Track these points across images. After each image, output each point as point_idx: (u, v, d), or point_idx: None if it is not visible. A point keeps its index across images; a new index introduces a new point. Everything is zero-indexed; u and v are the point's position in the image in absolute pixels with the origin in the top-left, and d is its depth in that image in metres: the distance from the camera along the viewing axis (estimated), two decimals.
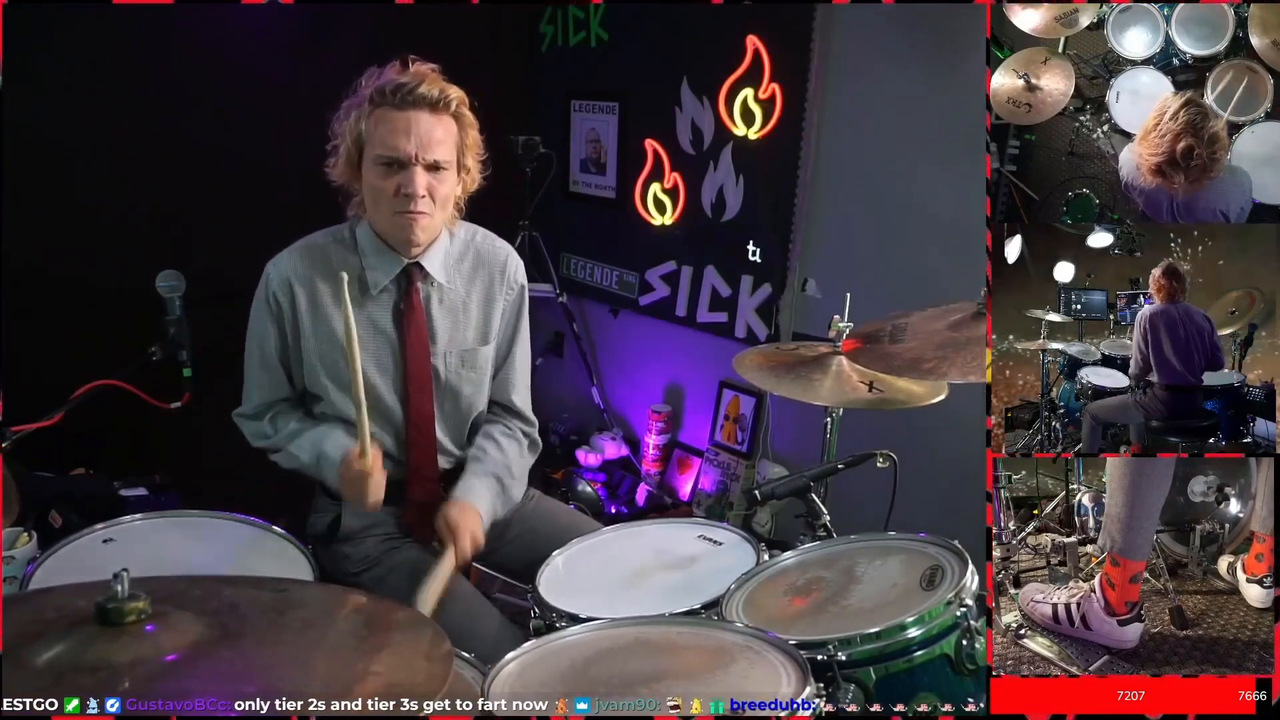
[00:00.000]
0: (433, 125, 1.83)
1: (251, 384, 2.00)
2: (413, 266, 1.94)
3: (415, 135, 1.81)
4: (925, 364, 1.86)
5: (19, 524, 2.10)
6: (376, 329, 1.95)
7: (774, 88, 3.19)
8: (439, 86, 1.84)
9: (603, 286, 4.00)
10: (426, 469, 2.02)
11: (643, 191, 3.71)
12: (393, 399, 1.97)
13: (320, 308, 1.91)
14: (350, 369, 1.71)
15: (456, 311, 2.01)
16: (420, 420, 1.99)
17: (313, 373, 1.96)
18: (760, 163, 3.29)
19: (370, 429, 1.83)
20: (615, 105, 3.78)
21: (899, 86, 2.89)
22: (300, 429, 1.97)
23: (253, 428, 2.02)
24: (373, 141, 1.83)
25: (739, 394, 3.53)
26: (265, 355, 1.96)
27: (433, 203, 1.86)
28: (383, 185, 1.84)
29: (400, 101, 1.81)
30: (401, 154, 1.81)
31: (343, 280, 1.68)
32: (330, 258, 1.93)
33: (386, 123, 1.82)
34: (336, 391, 1.95)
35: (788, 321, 3.30)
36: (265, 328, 1.95)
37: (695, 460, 3.69)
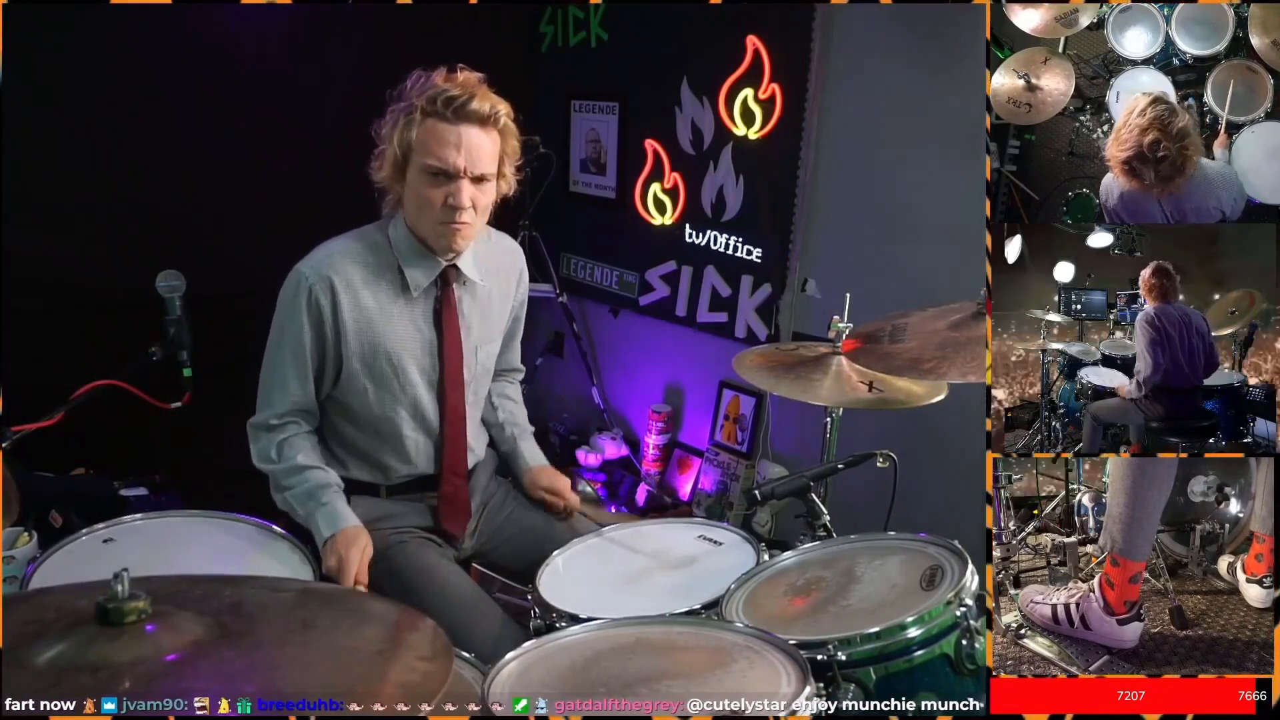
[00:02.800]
0: (482, 140, 1.85)
1: (275, 389, 1.96)
2: (449, 268, 1.98)
3: (465, 149, 1.83)
4: (925, 364, 1.86)
5: (19, 524, 2.10)
6: (417, 328, 1.98)
7: (774, 88, 3.19)
8: (490, 101, 1.86)
9: (603, 286, 4.00)
10: (458, 465, 2.07)
11: (643, 191, 3.71)
12: (430, 397, 2.01)
13: (364, 309, 1.92)
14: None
15: (485, 308, 2.07)
16: (454, 418, 2.03)
17: (351, 377, 1.95)
18: (760, 163, 3.29)
19: (406, 423, 1.99)
20: (615, 105, 3.78)
21: (899, 86, 2.88)
22: (302, 467, 1.94)
23: (261, 445, 1.98)
24: (422, 151, 1.84)
25: (739, 394, 3.53)
26: (299, 358, 1.93)
27: (475, 213, 1.89)
28: (430, 195, 1.86)
29: (454, 115, 1.83)
30: (451, 166, 1.83)
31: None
32: (370, 259, 1.94)
33: (437, 134, 1.83)
34: (377, 393, 1.96)
35: (788, 321, 3.29)
36: (301, 330, 1.91)
37: (695, 460, 3.68)
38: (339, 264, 1.92)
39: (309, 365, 1.94)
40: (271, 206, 3.33)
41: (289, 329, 1.92)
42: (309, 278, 1.90)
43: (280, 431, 1.97)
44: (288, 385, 1.95)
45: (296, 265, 1.93)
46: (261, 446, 1.98)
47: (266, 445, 1.97)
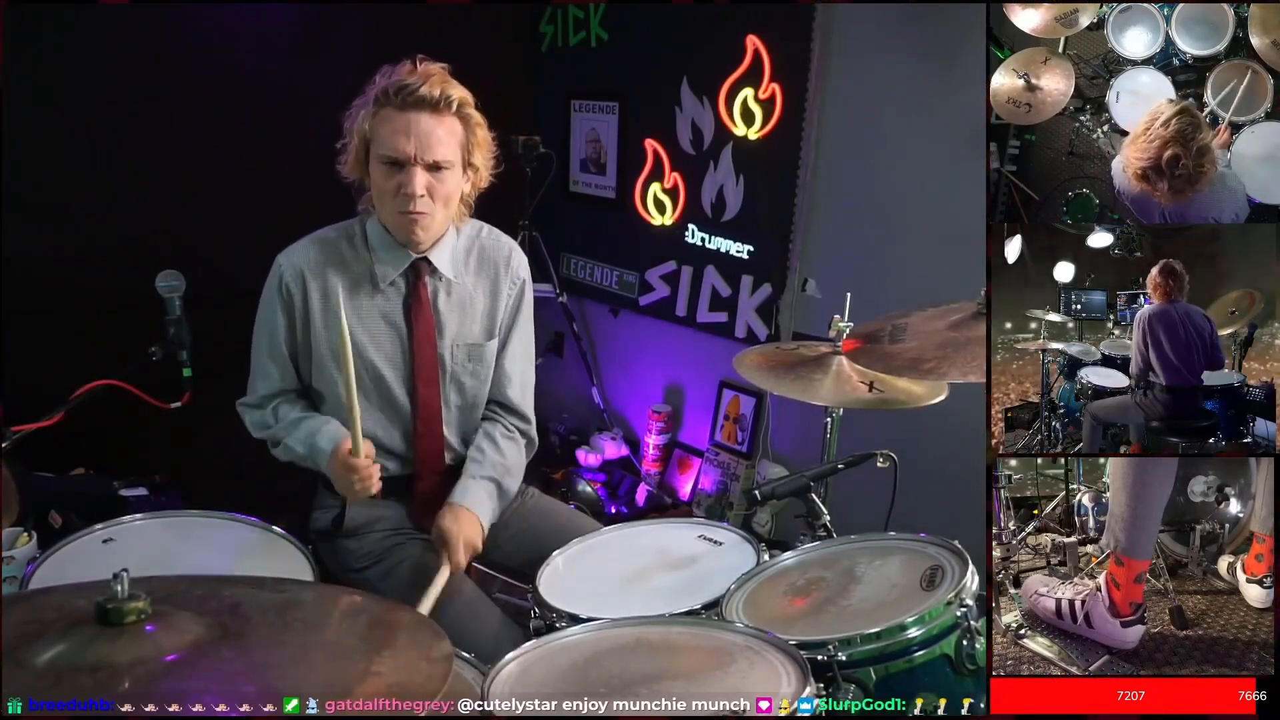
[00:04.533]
0: (433, 126, 1.85)
1: (258, 375, 2.02)
2: (420, 261, 1.98)
3: (415, 136, 1.84)
4: (925, 364, 1.86)
5: (19, 524, 2.10)
6: (387, 322, 1.98)
7: (774, 88, 3.19)
8: (440, 87, 1.86)
9: (603, 286, 4.00)
10: (433, 462, 2.05)
11: (643, 191, 3.71)
12: (401, 392, 2.00)
13: (331, 300, 1.93)
14: (342, 359, 1.73)
15: (464, 306, 2.04)
16: (428, 413, 2.02)
17: (321, 366, 1.97)
18: (760, 163, 3.29)
19: (377, 421, 1.94)
20: (615, 105, 3.78)
21: (899, 86, 2.88)
22: (299, 419, 1.99)
23: (255, 417, 2.03)
24: (376, 141, 1.87)
25: (739, 394, 3.53)
26: (274, 346, 1.98)
27: (433, 202, 1.89)
28: (385, 184, 1.88)
29: (402, 102, 1.84)
30: (401, 154, 1.84)
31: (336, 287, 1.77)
32: (342, 251, 1.97)
33: (389, 123, 1.85)
34: (345, 385, 1.95)
35: (788, 321, 3.30)
36: (275, 318, 1.96)
37: (695, 460, 3.68)
38: (311, 254, 1.96)
39: (285, 352, 1.99)
40: (271, 206, 3.32)
41: (265, 316, 1.99)
42: (283, 267, 1.96)
43: (266, 410, 2.02)
44: (268, 371, 2.00)
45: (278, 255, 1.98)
46: (255, 419, 2.03)
47: (259, 416, 2.02)
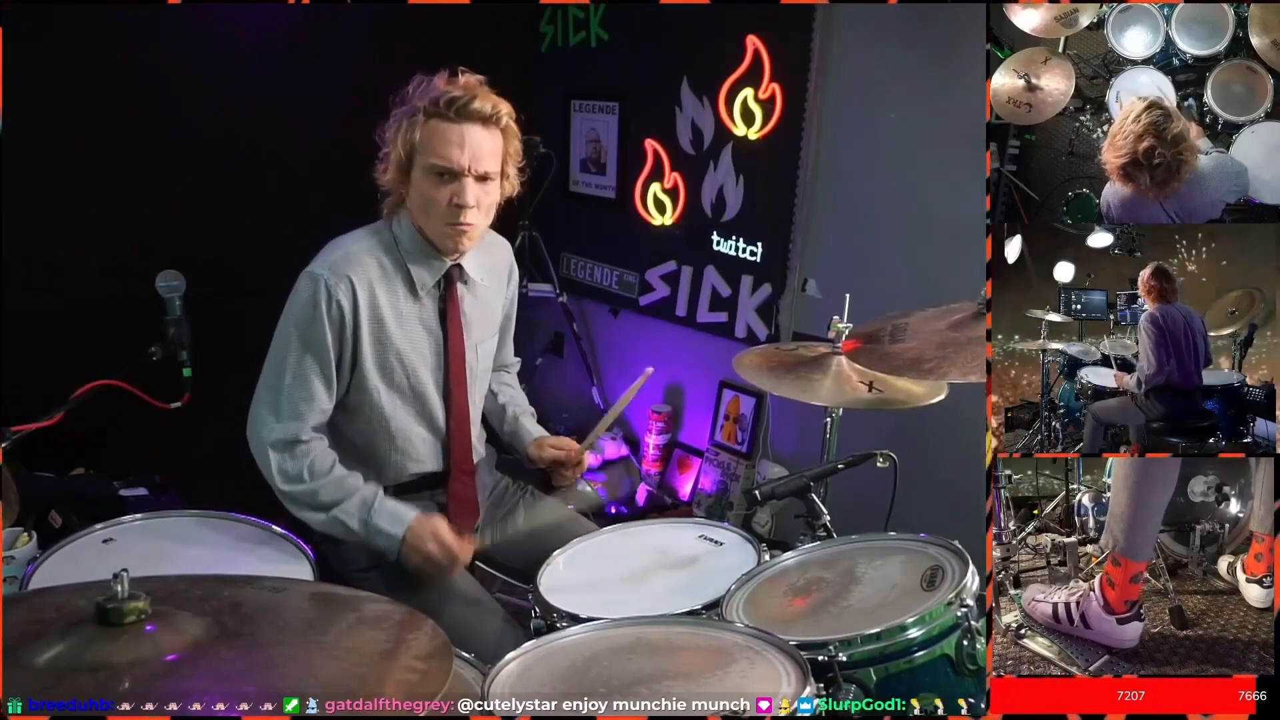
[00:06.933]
0: (484, 138, 1.86)
1: (301, 402, 1.88)
2: (453, 267, 1.99)
3: (469, 147, 1.84)
4: (925, 364, 1.86)
5: (19, 524, 2.10)
6: (425, 328, 1.99)
7: (774, 88, 3.19)
8: (491, 101, 1.88)
9: (603, 286, 4.00)
10: (465, 463, 2.08)
11: (643, 191, 3.71)
12: (436, 396, 2.02)
13: (378, 309, 1.92)
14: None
15: (484, 307, 2.09)
16: (460, 415, 2.05)
17: (363, 377, 1.93)
18: (760, 163, 3.29)
19: (415, 426, 1.99)
20: (615, 105, 3.78)
21: (899, 86, 2.88)
22: (343, 478, 1.90)
23: (288, 465, 1.89)
24: (426, 151, 1.85)
25: (739, 394, 3.53)
26: (324, 365, 1.87)
27: (479, 213, 1.90)
28: (435, 195, 1.86)
29: (456, 114, 1.84)
30: (455, 165, 1.84)
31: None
32: (382, 258, 1.94)
33: (441, 134, 1.84)
34: (386, 394, 1.95)
35: (788, 321, 3.30)
36: (325, 334, 1.85)
37: (695, 460, 3.68)
38: (355, 263, 1.89)
39: (334, 371, 1.89)
40: (271, 207, 3.33)
41: (312, 335, 1.85)
42: (327, 279, 1.85)
43: (306, 447, 1.89)
44: (315, 395, 1.88)
45: (308, 269, 1.88)
46: (287, 467, 1.88)
47: (295, 465, 1.88)
